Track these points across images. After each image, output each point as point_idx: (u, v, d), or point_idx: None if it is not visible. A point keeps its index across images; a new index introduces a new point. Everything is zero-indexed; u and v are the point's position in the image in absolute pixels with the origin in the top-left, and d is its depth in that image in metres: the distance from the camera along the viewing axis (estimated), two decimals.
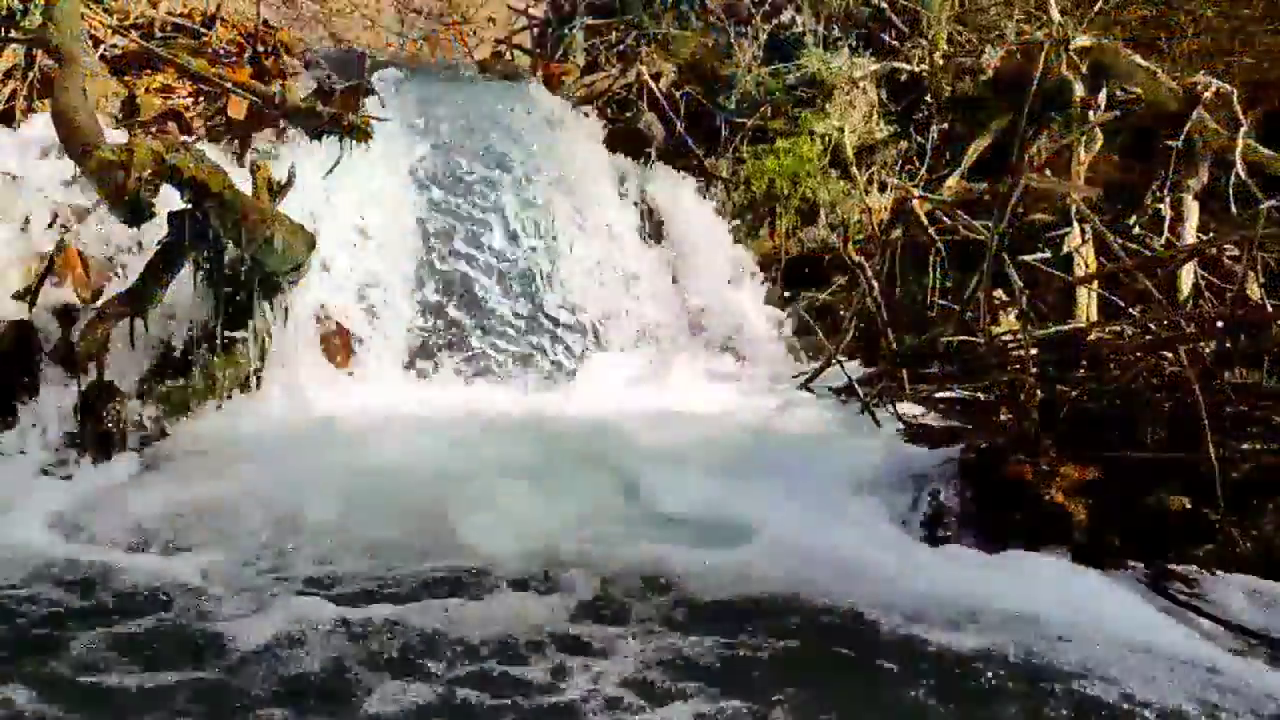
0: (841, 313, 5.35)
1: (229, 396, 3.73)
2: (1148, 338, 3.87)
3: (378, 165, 4.73)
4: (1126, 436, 3.16)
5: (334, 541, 2.77)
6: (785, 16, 6.29)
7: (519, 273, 4.82)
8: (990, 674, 2.08)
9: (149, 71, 4.93)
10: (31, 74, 4.54)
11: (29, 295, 3.85)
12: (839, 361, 4.45)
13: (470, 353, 4.53)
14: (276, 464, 3.27)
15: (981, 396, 3.95)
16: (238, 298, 3.71)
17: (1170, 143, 5.15)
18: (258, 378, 3.80)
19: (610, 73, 6.31)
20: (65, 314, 3.86)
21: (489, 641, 2.20)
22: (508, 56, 7.98)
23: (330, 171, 4.44)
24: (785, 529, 2.87)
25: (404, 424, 3.82)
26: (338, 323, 4.32)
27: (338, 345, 4.27)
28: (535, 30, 8.01)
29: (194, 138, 4.53)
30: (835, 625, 2.32)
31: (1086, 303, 4.84)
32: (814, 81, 6.00)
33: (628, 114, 6.07)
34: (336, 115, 4.61)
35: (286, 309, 3.87)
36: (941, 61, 6.12)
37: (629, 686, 2.01)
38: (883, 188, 5.82)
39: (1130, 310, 4.52)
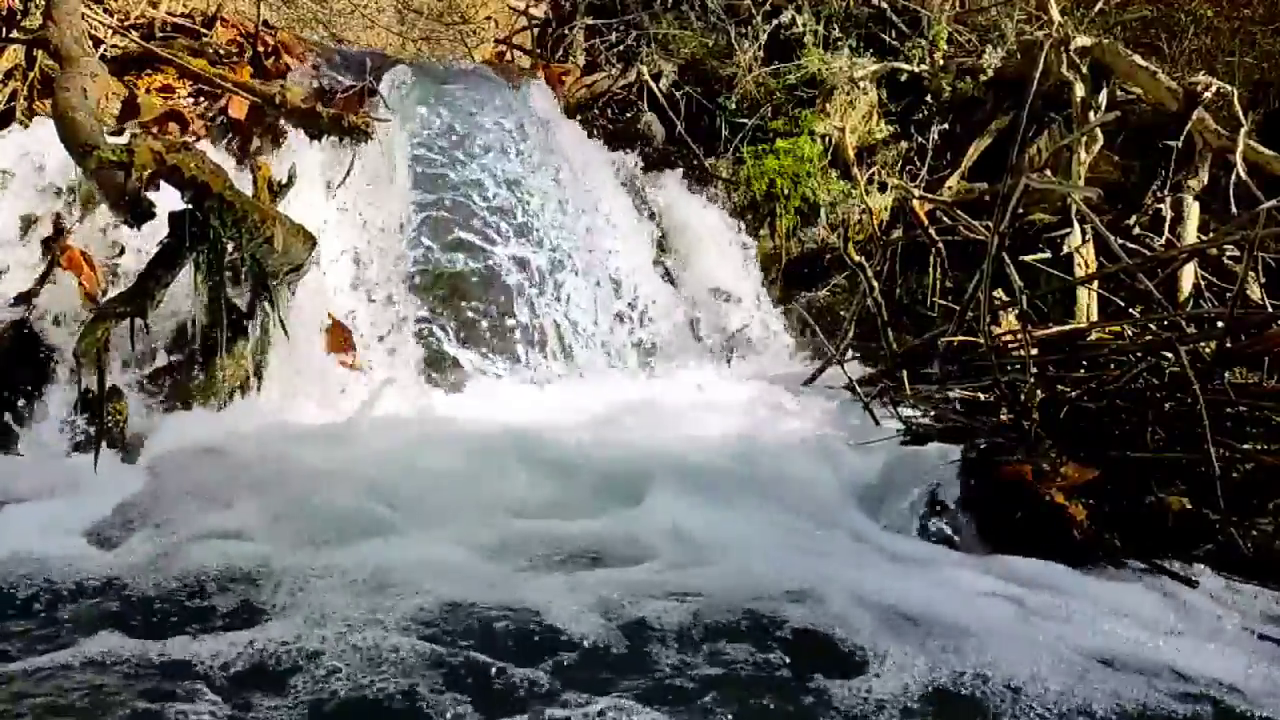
0: (841, 313, 5.35)
1: (230, 397, 3.73)
2: (1148, 338, 3.87)
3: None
4: (1126, 436, 3.16)
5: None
6: (785, 17, 6.29)
7: (518, 273, 4.82)
8: (982, 676, 2.08)
9: (149, 71, 4.93)
10: (31, 74, 4.54)
11: (29, 297, 3.86)
12: (839, 362, 4.45)
13: (475, 355, 4.53)
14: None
15: (981, 396, 3.95)
16: (238, 298, 3.72)
17: (1170, 143, 5.15)
18: (259, 378, 3.80)
19: (610, 73, 6.32)
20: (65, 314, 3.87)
21: None
22: (508, 57, 7.99)
23: (344, 180, 4.49)
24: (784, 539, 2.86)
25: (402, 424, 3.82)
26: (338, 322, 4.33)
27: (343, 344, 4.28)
28: (535, 30, 8.01)
29: (195, 138, 4.53)
30: (829, 627, 2.30)
31: (1086, 303, 4.84)
32: (814, 81, 6.00)
33: (628, 114, 6.08)
34: (337, 116, 4.62)
35: (286, 308, 3.87)
36: (941, 61, 6.12)
37: None
38: (883, 188, 5.82)
39: (1130, 310, 4.52)
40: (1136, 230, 5.08)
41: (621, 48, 6.57)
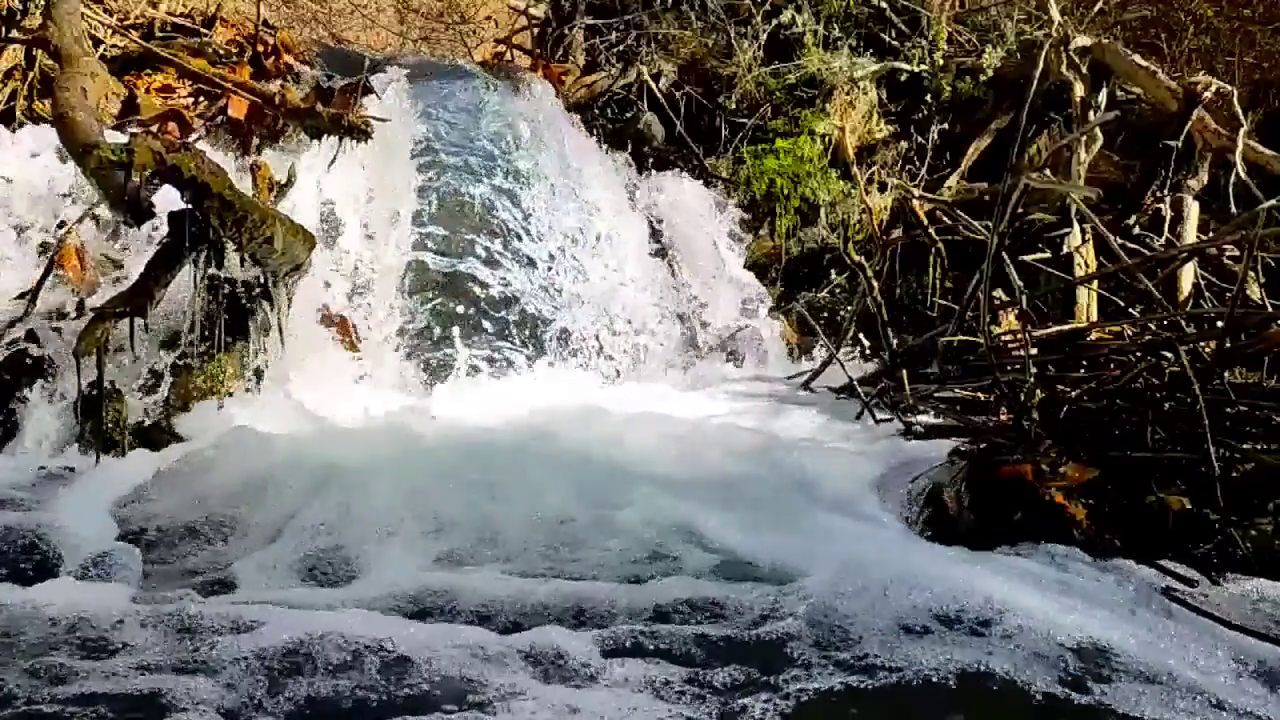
0: (841, 313, 5.36)
1: (230, 396, 3.73)
2: (1148, 338, 3.87)
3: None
4: (1126, 436, 3.16)
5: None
6: (785, 16, 6.29)
7: (515, 272, 4.82)
8: (986, 676, 2.08)
9: (149, 71, 4.94)
10: (31, 74, 4.54)
11: (30, 296, 3.86)
12: (839, 361, 4.45)
13: (473, 353, 4.53)
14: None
15: (981, 396, 3.96)
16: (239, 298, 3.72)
17: (1170, 143, 5.15)
18: (259, 378, 3.80)
19: (610, 72, 6.32)
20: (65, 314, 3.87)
21: None
22: (508, 56, 7.99)
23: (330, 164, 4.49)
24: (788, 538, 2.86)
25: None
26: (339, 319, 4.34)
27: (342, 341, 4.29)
28: (535, 30, 8.01)
29: (195, 138, 4.53)
30: (828, 631, 2.30)
31: (1086, 303, 4.84)
32: (814, 81, 6.00)
33: (628, 114, 6.08)
34: (336, 115, 4.62)
35: (287, 308, 3.87)
36: (941, 61, 6.13)
37: None
38: (883, 188, 5.82)
39: (1130, 310, 4.52)
40: (1136, 230, 5.08)
41: (621, 48, 6.57)
